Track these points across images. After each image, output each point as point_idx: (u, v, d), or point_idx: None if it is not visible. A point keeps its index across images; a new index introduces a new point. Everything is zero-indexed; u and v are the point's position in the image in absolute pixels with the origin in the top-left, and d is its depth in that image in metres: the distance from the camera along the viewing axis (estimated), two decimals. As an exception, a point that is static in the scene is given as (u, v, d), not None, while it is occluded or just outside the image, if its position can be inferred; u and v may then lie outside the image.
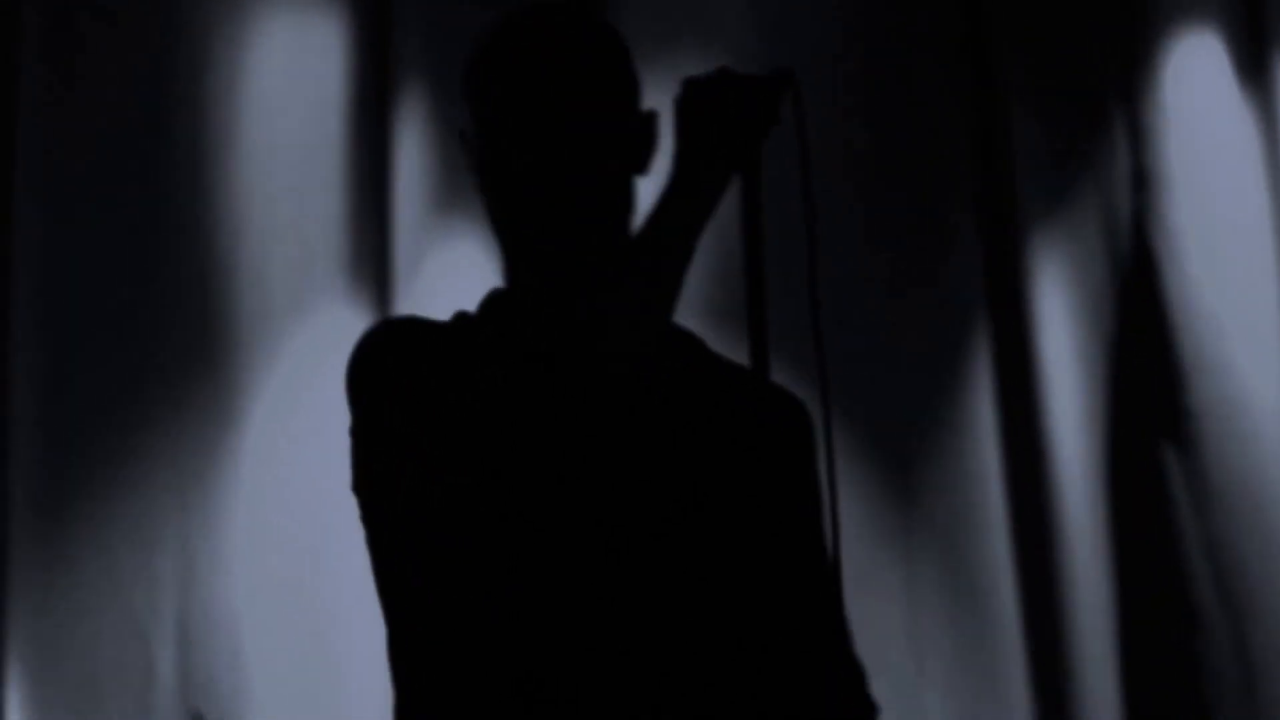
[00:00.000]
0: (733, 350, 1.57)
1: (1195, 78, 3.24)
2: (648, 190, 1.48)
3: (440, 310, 2.63)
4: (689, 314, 1.52)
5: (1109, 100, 3.26)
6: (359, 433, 1.49)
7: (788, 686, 1.47)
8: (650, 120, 1.56)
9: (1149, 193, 3.23)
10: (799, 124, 1.46)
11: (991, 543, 3.04)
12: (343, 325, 2.74)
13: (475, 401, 1.39)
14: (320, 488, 2.67)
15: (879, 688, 1.59)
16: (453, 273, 2.79)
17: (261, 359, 2.71)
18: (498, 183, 1.51)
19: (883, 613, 2.88)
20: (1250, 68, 3.28)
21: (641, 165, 1.54)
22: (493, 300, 1.59)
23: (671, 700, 1.41)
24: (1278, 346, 3.21)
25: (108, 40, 2.71)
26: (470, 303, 2.70)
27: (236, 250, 2.72)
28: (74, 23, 2.71)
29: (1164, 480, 3.15)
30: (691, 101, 1.43)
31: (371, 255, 2.82)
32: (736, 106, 1.41)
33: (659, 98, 1.54)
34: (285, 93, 2.80)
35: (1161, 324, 3.19)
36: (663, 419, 1.46)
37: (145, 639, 2.59)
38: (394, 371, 1.48)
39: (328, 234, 2.80)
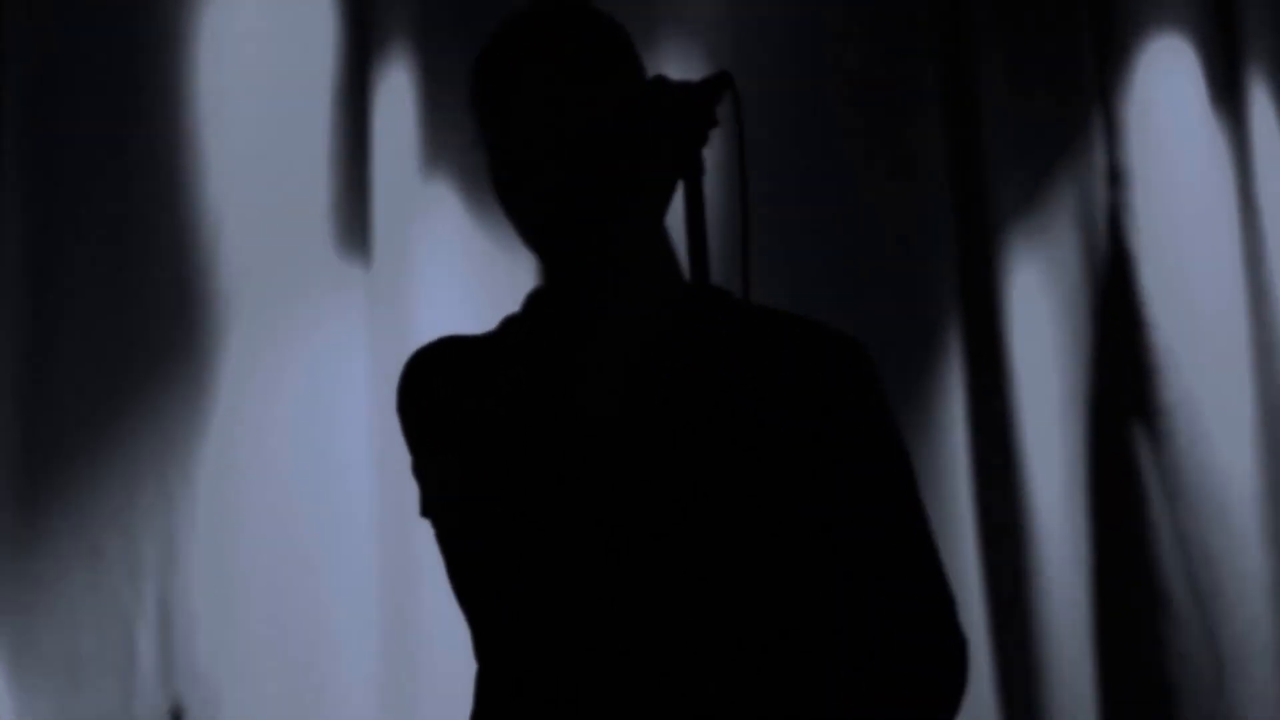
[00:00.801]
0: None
1: (1166, 80, 3.28)
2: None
3: (421, 284, 2.69)
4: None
5: (1084, 98, 3.29)
6: (415, 465, 1.50)
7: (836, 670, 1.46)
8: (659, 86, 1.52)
9: (1123, 189, 3.26)
10: (738, 125, 1.47)
11: (961, 539, 3.05)
12: (327, 312, 2.77)
13: (490, 410, 1.41)
14: (303, 475, 2.69)
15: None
16: (434, 246, 2.80)
17: (245, 345, 2.69)
18: (497, 187, 1.51)
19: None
20: (1222, 74, 3.32)
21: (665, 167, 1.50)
22: (531, 300, 1.59)
23: (679, 699, 1.40)
24: (1248, 343, 3.24)
25: (86, 17, 2.69)
26: (450, 276, 2.73)
27: (219, 235, 2.70)
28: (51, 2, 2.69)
29: (1137, 475, 3.18)
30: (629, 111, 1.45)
31: (355, 234, 2.81)
32: (673, 112, 1.42)
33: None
34: (268, 68, 2.79)
35: (1135, 320, 3.22)
36: (668, 416, 1.45)
37: (127, 625, 2.58)
38: (423, 406, 1.50)
39: (311, 216, 2.79)
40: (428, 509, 1.48)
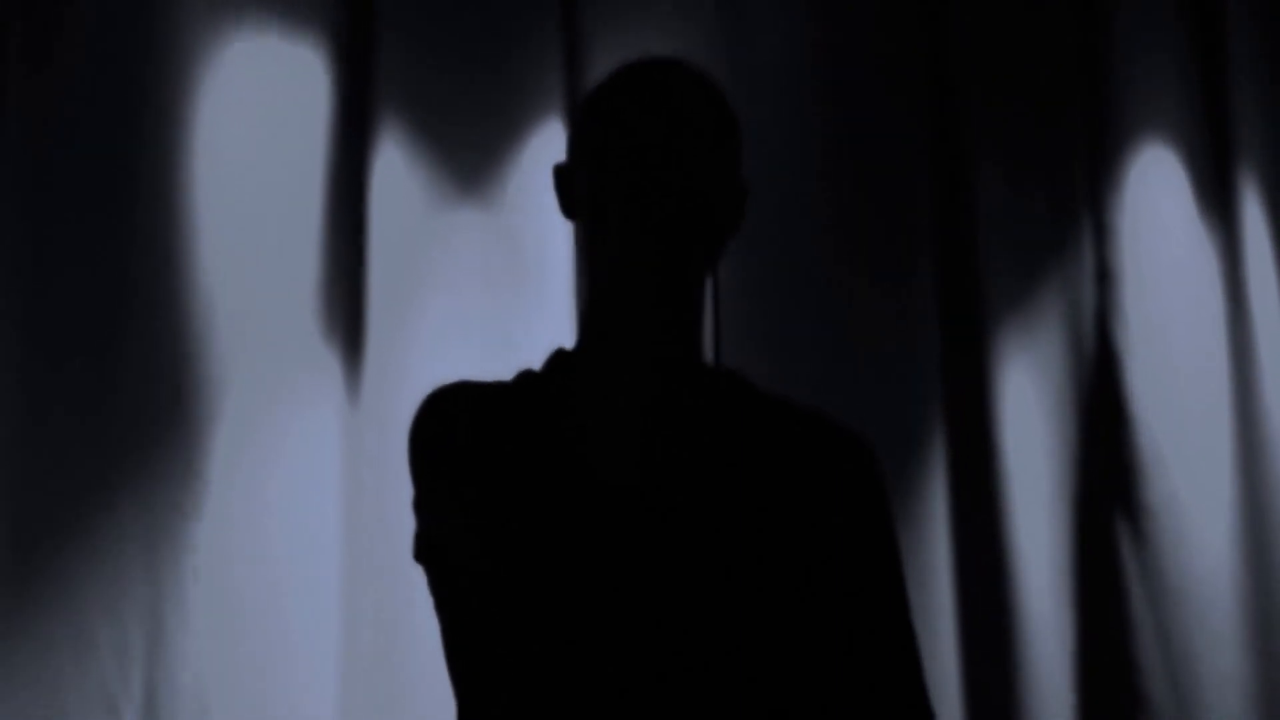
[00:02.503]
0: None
1: (1156, 187, 3.34)
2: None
3: (411, 368, 2.71)
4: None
5: (1076, 200, 3.33)
6: (417, 505, 1.51)
7: None
8: (743, 195, 1.61)
9: (1111, 289, 3.31)
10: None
11: (941, 635, 3.06)
12: (316, 398, 2.77)
13: (504, 461, 1.41)
14: (291, 555, 2.68)
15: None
16: (426, 328, 2.82)
17: (234, 432, 2.68)
18: (596, 207, 1.52)
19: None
20: (1212, 181, 3.38)
21: (725, 233, 1.58)
22: (554, 361, 1.60)
23: None
24: (1233, 443, 3.27)
25: (81, 99, 2.69)
26: (442, 344, 2.75)
27: (211, 320, 2.70)
28: (50, 52, 2.70)
29: (1120, 574, 3.19)
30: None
31: (346, 317, 2.82)
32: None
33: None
34: (262, 151, 2.80)
35: (1121, 419, 3.25)
36: (682, 491, 1.46)
37: (114, 709, 2.56)
38: (442, 447, 1.50)
39: (303, 299, 2.79)
40: (421, 553, 1.49)
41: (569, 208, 1.61)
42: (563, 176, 1.62)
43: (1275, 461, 3.24)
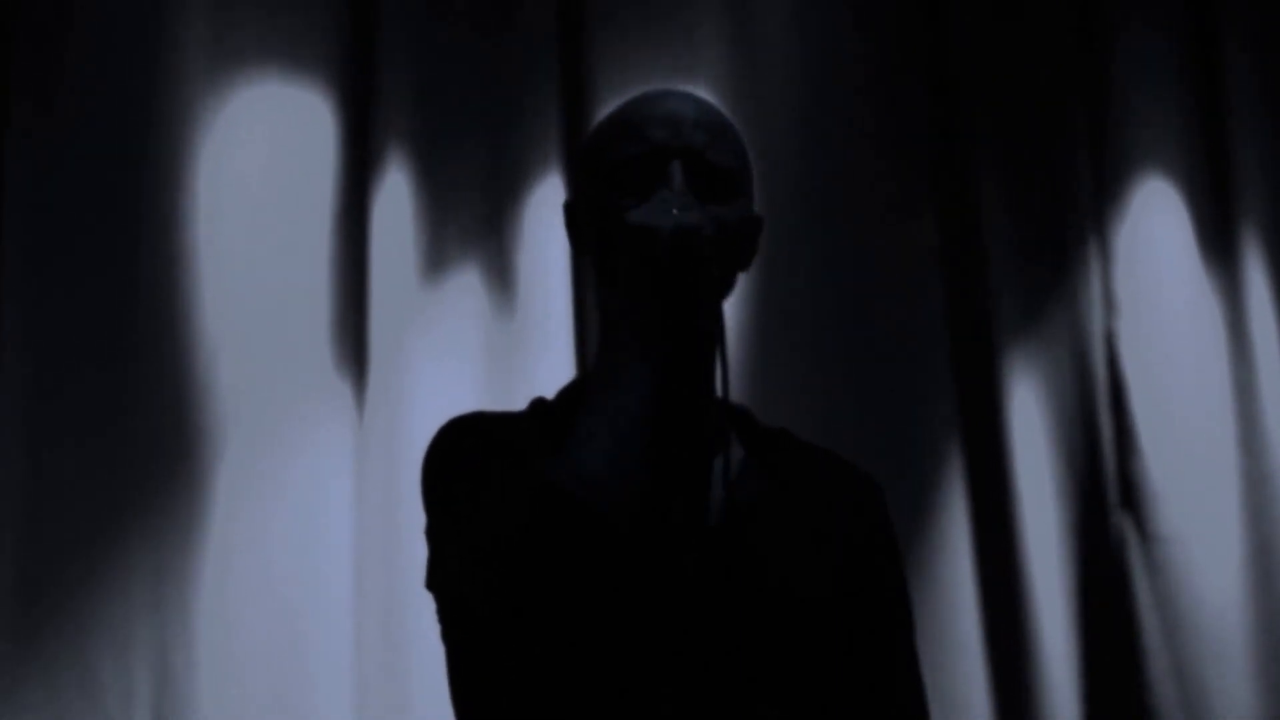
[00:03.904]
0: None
1: (1157, 218, 3.35)
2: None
3: (415, 399, 2.72)
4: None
5: (1082, 228, 3.35)
6: (429, 533, 1.50)
7: None
8: (757, 228, 1.60)
9: (1116, 318, 3.31)
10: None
11: (967, 664, 3.06)
12: (321, 433, 2.78)
13: (501, 508, 1.39)
14: (300, 591, 2.68)
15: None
16: (430, 359, 2.82)
17: (239, 471, 2.69)
18: (598, 251, 1.52)
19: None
20: (1213, 213, 3.39)
21: (737, 265, 1.57)
22: (567, 391, 1.60)
23: None
24: (1238, 475, 3.27)
25: (84, 140, 2.71)
26: (444, 380, 2.76)
27: (215, 360, 2.71)
28: (54, 96, 2.72)
29: (1133, 605, 3.19)
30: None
31: (350, 351, 2.83)
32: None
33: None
34: (266, 188, 2.81)
35: (1128, 449, 3.25)
36: (683, 527, 1.46)
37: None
38: (454, 476, 1.50)
39: (308, 334, 2.80)
40: (432, 581, 1.48)
41: (579, 244, 1.61)
42: (571, 212, 1.61)
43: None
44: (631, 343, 1.41)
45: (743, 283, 2.96)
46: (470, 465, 1.49)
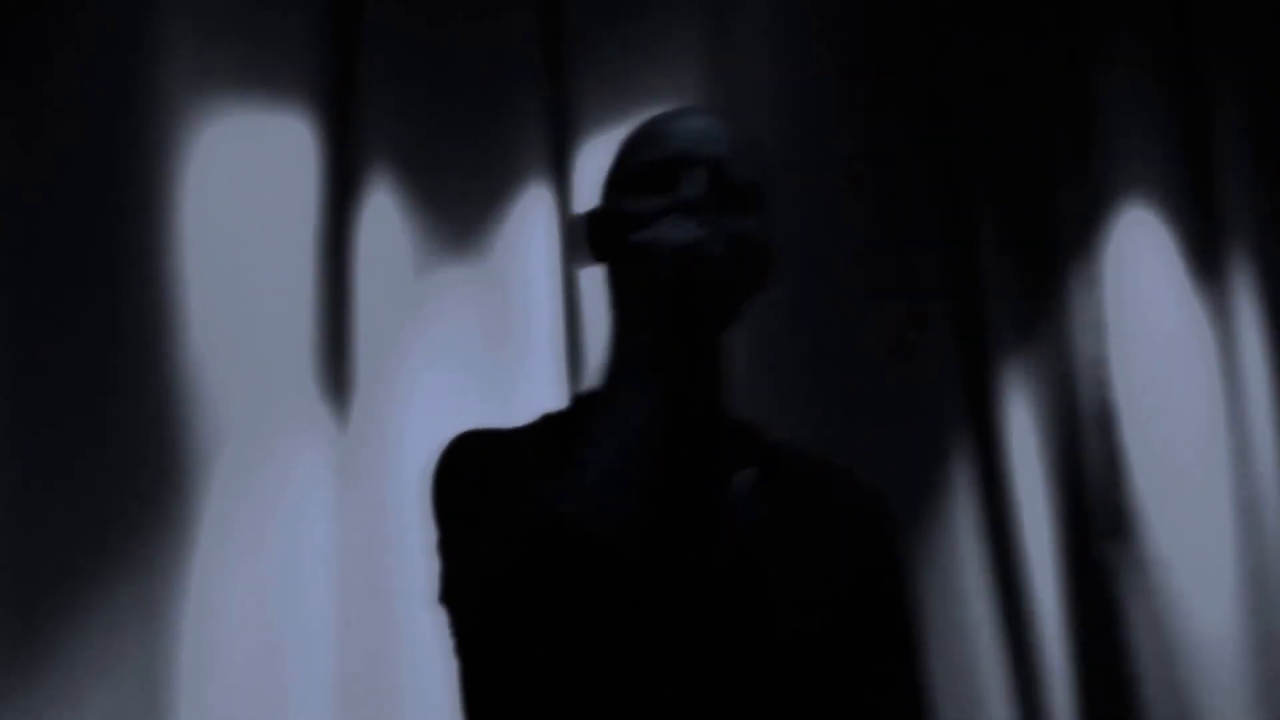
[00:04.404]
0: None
1: (1141, 242, 3.36)
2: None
3: (400, 425, 2.71)
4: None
5: (1069, 256, 3.36)
6: (439, 548, 1.49)
7: None
8: (770, 260, 1.59)
9: (1104, 342, 3.32)
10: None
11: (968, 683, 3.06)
12: (307, 461, 2.76)
13: (507, 524, 1.39)
14: (286, 616, 2.67)
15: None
16: (415, 384, 2.82)
17: (225, 497, 2.68)
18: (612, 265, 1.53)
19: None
20: (1200, 237, 3.41)
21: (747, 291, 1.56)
22: (575, 406, 1.59)
23: None
24: (1230, 501, 3.26)
25: (69, 138, 2.71)
26: (430, 401, 2.75)
27: (200, 385, 2.70)
28: (38, 125, 2.72)
29: (1126, 629, 3.18)
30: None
31: (336, 377, 2.83)
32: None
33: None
34: (253, 186, 2.82)
35: (1117, 472, 3.25)
36: (684, 546, 1.46)
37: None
38: (462, 491, 1.49)
39: (293, 360, 2.80)
40: (444, 596, 1.47)
41: (593, 256, 1.60)
42: (589, 225, 1.60)
43: (1271, 518, 3.23)
44: (637, 361, 1.40)
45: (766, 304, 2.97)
46: (478, 481, 1.48)
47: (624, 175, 1.55)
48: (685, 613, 1.43)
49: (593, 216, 1.60)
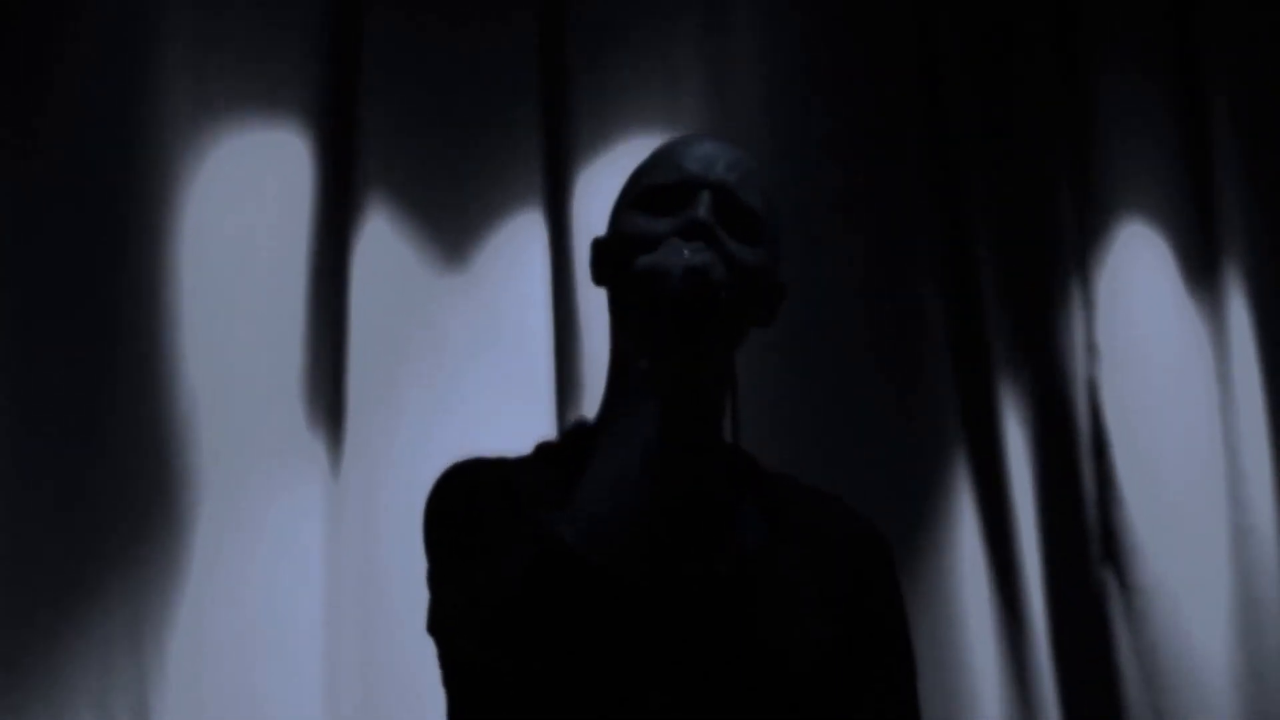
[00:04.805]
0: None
1: (1139, 264, 3.35)
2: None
3: (392, 458, 2.71)
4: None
5: (1065, 274, 3.35)
6: (431, 578, 1.49)
7: None
8: (779, 294, 1.60)
9: (1098, 364, 3.32)
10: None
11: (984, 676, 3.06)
12: (300, 478, 2.76)
13: (501, 555, 1.38)
14: (275, 643, 2.66)
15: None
16: (406, 417, 2.81)
17: (216, 525, 2.67)
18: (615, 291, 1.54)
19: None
20: (1197, 259, 3.40)
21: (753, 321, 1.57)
22: (572, 433, 1.59)
23: None
24: (1224, 526, 3.26)
25: (67, 157, 2.71)
26: (423, 423, 2.75)
27: (193, 414, 2.70)
28: (34, 144, 2.72)
29: (1114, 654, 3.18)
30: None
31: (327, 409, 2.82)
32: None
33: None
34: (248, 208, 2.81)
35: (1110, 498, 3.25)
36: (684, 577, 1.45)
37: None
38: (455, 521, 1.49)
39: (285, 391, 2.79)
40: (433, 626, 1.46)
41: (599, 275, 1.60)
42: (598, 250, 1.61)
43: (1264, 546, 3.23)
44: (639, 389, 1.40)
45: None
46: (474, 512, 1.48)
47: (634, 198, 1.56)
48: (687, 639, 1.42)
49: (600, 242, 1.61)
